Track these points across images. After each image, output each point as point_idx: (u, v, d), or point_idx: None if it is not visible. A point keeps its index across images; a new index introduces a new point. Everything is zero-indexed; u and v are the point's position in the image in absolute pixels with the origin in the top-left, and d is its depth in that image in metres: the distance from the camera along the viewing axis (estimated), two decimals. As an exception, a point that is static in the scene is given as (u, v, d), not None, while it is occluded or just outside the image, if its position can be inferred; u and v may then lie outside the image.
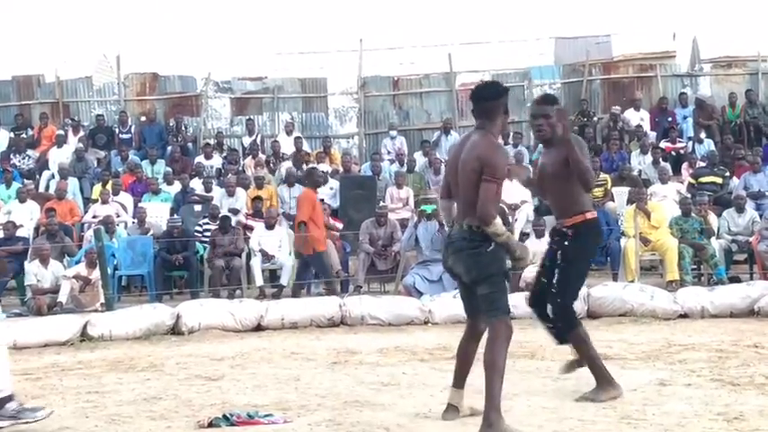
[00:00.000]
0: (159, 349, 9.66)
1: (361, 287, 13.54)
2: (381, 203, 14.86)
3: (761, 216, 13.78)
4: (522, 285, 12.81)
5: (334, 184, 16.72)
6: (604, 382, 6.37)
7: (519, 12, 24.48)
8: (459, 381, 6.09)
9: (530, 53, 21.87)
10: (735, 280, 12.87)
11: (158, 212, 15.66)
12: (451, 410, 6.04)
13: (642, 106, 19.80)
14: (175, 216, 14.97)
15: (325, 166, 17.57)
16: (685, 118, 19.26)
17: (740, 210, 13.93)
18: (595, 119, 19.74)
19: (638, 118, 19.21)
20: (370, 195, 16.08)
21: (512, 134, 18.76)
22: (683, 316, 10.80)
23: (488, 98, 5.88)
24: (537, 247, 13.20)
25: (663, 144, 17.93)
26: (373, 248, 13.65)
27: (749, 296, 10.91)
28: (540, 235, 13.28)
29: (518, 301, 11.05)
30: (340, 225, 15.00)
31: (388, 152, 19.26)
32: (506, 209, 14.63)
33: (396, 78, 21.72)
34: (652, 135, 18.58)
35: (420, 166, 17.88)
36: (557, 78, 21.32)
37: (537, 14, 24.46)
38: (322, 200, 15.56)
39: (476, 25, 24.50)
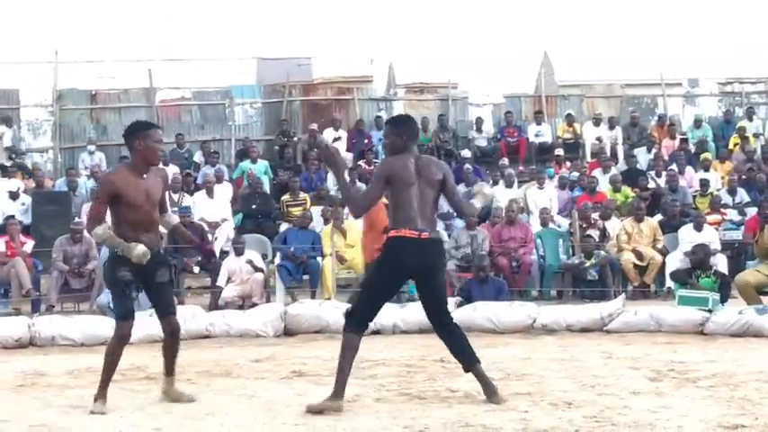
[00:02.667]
0: None
1: (54, 306, 13.06)
2: (77, 219, 14.40)
3: (449, 236, 14.40)
4: (221, 303, 12.83)
5: (26, 199, 16.04)
6: (336, 393, 6.53)
7: (221, 30, 24.49)
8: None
9: (231, 72, 21.95)
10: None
11: None
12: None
13: (340, 127, 20.28)
14: None
15: (16, 181, 16.82)
16: (380, 140, 19.85)
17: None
18: (295, 139, 20.02)
19: (339, 136, 19.65)
20: (64, 211, 15.54)
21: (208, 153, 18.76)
22: (377, 332, 11.12)
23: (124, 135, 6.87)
24: (235, 265, 13.27)
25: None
26: (68, 266, 13.20)
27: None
28: (239, 252, 13.32)
29: (215, 319, 11.08)
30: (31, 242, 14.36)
31: (86, 167, 18.71)
32: (205, 226, 14.59)
33: (94, 92, 21.17)
34: (349, 156, 19.05)
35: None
36: (257, 98, 21.49)
37: (239, 34, 24.54)
38: (12, 215, 14.87)
39: (178, 42, 24.31)
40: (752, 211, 15.55)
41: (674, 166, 17.46)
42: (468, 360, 6.82)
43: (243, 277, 13.14)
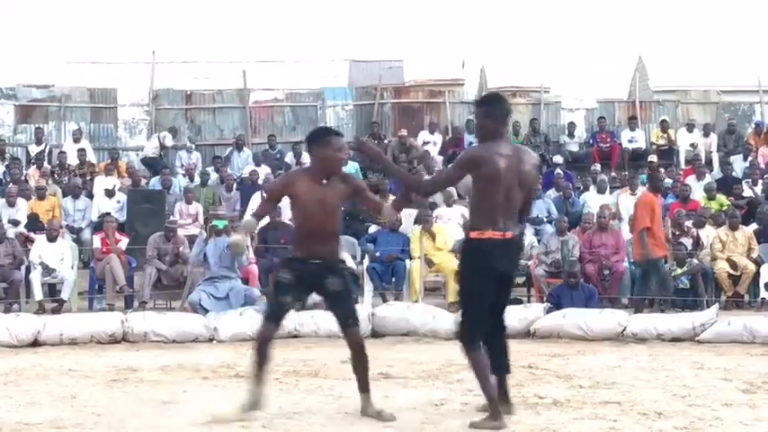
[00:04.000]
0: (-73, 365, 9.18)
1: (146, 303, 13.29)
2: (171, 218, 14.64)
3: (539, 241, 14.34)
4: (310, 304, 12.89)
5: (121, 197, 16.35)
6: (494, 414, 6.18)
7: (314, 33, 24.74)
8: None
9: (324, 74, 22.12)
10: (515, 302, 13.30)
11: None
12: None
13: (432, 130, 20.30)
14: (-50, 225, 14.25)
15: (112, 179, 17.17)
16: (471, 144, 19.82)
17: (520, 234, 14.41)
18: (386, 141, 20.08)
19: (431, 141, 19.68)
20: (158, 210, 15.81)
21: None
22: (464, 336, 11.10)
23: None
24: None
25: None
26: (163, 264, 13.44)
27: (526, 318, 11.31)
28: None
29: (304, 319, 11.15)
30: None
31: (182, 165, 19.04)
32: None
33: (189, 92, 21.50)
34: (440, 159, 19.04)
35: (212, 181, 17.74)
36: (349, 100, 21.60)
37: (332, 36, 24.75)
38: (107, 213, 15.17)
39: (271, 43, 24.62)
40: None
41: (770, 175, 17.10)
42: (501, 367, 6.48)
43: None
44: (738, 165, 18.28)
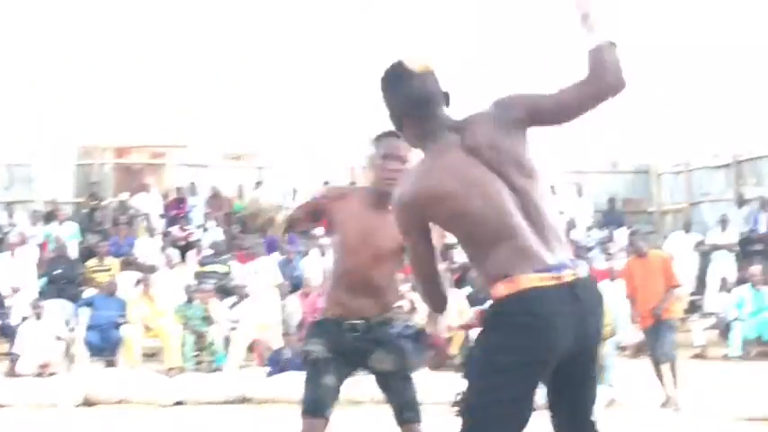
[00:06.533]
0: None
1: None
2: None
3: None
4: (19, 372, 12.28)
5: None
6: None
7: (23, 91, 23.88)
8: None
9: (39, 132, 21.32)
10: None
11: None
12: None
13: (153, 192, 19.99)
14: None
15: None
16: (194, 206, 19.66)
17: (243, 297, 14.37)
18: (105, 203, 19.59)
19: (148, 204, 19.33)
20: None
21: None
22: (180, 403, 10.88)
23: None
24: (36, 331, 12.71)
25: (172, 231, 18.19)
26: None
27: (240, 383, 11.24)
28: (41, 318, 12.83)
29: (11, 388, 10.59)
30: None
31: None
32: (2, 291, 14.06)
33: None
34: (161, 222, 18.76)
35: None
36: (68, 159, 20.94)
37: (50, 94, 24.00)
38: None
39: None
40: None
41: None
42: None
43: (44, 344, 12.61)
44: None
